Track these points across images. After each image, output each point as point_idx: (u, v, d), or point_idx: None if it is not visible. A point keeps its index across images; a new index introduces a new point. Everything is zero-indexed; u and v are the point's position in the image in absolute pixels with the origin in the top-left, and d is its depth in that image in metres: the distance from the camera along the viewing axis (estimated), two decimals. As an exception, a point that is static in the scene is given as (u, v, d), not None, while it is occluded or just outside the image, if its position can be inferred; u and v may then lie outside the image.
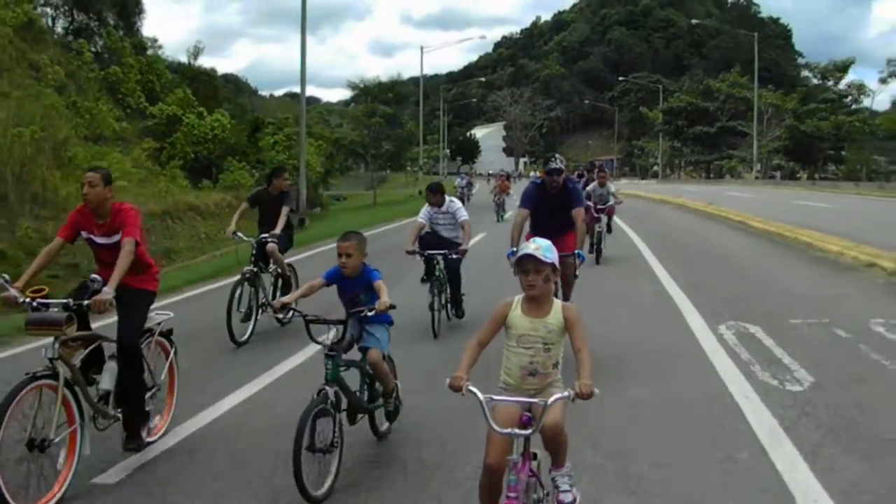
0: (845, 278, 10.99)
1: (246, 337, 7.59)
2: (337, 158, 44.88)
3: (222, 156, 30.80)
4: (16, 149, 15.96)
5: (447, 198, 8.13)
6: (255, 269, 7.97)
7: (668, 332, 7.72)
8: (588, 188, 14.10)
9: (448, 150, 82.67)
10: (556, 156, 7.08)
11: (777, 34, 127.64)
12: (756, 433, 4.75)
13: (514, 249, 5.71)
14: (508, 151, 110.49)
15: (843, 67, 63.02)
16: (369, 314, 4.23)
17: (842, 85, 65.28)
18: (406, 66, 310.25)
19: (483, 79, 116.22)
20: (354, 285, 4.46)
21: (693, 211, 26.59)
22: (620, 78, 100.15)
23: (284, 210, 8.18)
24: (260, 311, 7.94)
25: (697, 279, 10.95)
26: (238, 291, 7.61)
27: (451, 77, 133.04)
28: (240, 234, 8.11)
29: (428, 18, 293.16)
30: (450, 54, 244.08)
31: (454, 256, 7.83)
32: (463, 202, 9.47)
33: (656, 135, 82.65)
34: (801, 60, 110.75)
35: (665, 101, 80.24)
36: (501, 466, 3.04)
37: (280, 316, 8.00)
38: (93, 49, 29.50)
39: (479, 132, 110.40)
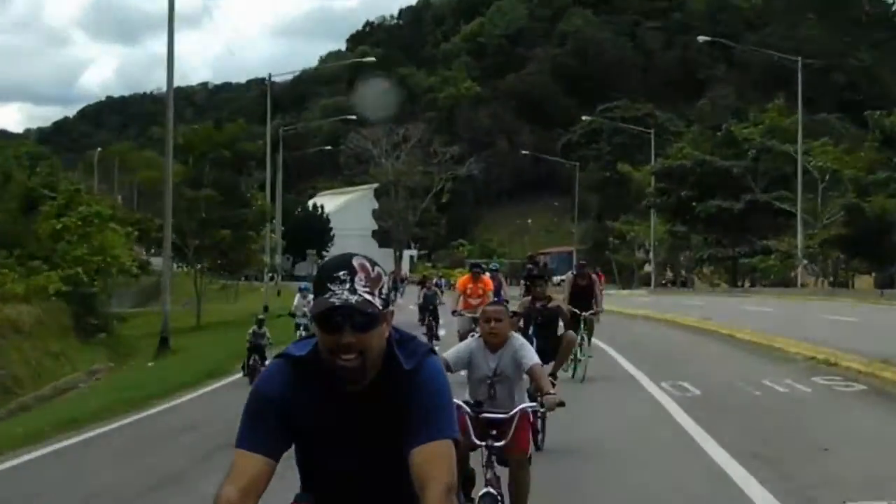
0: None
1: None
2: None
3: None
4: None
5: None
6: None
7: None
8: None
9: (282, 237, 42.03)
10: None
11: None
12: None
13: None
14: (382, 236, 65.65)
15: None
16: None
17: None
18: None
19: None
20: None
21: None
22: (584, 117, 58.20)
23: None
24: None
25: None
26: None
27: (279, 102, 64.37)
28: None
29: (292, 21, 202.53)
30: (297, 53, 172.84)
31: None
32: None
33: (646, 211, 49.26)
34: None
35: (661, 156, 48.78)
36: None
37: None
38: None
39: (328, 202, 67.14)
